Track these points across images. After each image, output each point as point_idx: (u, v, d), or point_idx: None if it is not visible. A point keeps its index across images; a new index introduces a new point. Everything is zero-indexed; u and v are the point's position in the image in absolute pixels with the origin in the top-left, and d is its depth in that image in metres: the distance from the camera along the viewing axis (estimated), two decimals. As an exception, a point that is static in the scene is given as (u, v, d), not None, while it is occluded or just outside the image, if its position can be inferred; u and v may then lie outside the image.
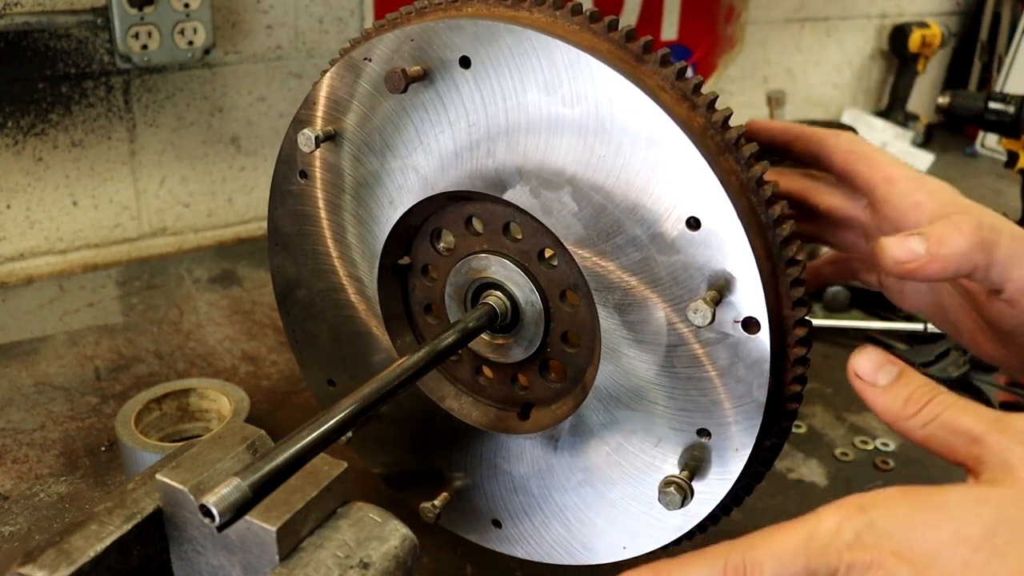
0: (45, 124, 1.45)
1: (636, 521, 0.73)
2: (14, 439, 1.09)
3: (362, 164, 0.76)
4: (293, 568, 0.56)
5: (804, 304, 0.64)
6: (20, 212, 1.48)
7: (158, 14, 1.42)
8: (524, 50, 0.65)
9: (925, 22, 2.46)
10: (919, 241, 0.59)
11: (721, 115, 0.64)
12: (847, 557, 0.48)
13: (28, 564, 0.55)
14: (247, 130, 1.65)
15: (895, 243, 0.59)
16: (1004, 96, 1.60)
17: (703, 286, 0.63)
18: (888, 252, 0.59)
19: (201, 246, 1.68)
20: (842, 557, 0.48)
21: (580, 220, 0.67)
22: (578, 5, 0.67)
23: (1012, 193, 2.04)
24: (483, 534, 0.83)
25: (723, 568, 0.51)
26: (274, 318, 1.40)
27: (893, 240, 0.60)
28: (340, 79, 0.74)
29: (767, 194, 0.63)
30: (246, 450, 0.62)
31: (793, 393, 0.66)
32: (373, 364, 0.85)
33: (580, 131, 0.65)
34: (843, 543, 0.48)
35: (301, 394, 1.20)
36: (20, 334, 1.33)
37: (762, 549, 0.50)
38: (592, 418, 0.73)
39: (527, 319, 0.77)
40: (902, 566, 0.47)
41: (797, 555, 0.49)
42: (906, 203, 0.67)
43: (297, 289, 0.86)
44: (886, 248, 0.59)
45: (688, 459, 0.68)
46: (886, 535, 0.48)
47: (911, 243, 0.59)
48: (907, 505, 0.49)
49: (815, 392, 1.27)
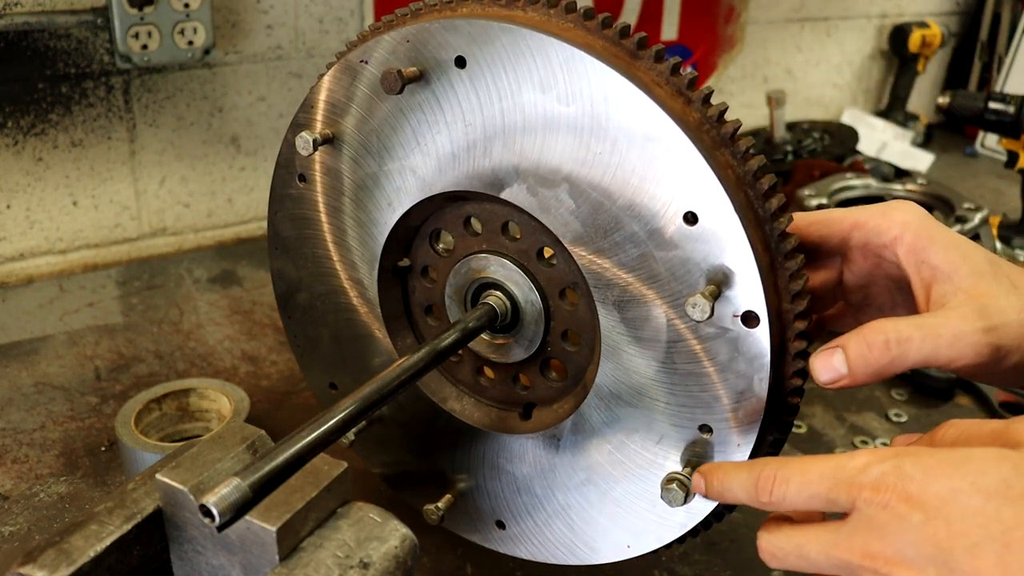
0: (45, 124, 1.45)
1: (639, 519, 0.73)
2: (14, 439, 1.09)
3: (360, 167, 0.76)
4: (293, 568, 0.56)
5: (804, 297, 0.64)
6: (20, 212, 1.48)
7: (158, 14, 1.42)
8: (519, 49, 0.65)
9: (925, 22, 2.46)
10: (841, 360, 0.63)
11: (716, 110, 0.64)
12: (866, 494, 0.53)
13: (28, 564, 0.55)
14: (247, 130, 1.65)
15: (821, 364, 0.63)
16: (1004, 96, 1.60)
17: (702, 281, 0.63)
18: (816, 373, 0.64)
19: (201, 246, 1.68)
20: (862, 492, 0.53)
21: (578, 218, 0.67)
22: (572, 3, 0.67)
23: (1012, 193, 2.04)
24: (487, 535, 0.83)
25: (757, 476, 0.58)
26: (274, 318, 1.40)
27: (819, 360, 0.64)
28: (337, 82, 0.74)
29: (764, 187, 0.63)
30: (246, 450, 0.62)
31: (794, 387, 0.66)
32: (374, 367, 0.85)
33: (576, 128, 0.65)
34: (867, 479, 0.53)
35: (301, 394, 1.20)
36: (20, 334, 1.33)
37: (794, 467, 0.56)
38: (593, 416, 0.73)
39: (527, 318, 0.77)
40: (913, 511, 0.51)
41: (823, 479, 0.55)
42: (883, 239, 0.70)
43: (298, 293, 0.86)
44: (814, 368, 0.64)
45: (690, 455, 0.68)
46: (908, 477, 0.52)
47: (835, 362, 0.63)
48: (938, 458, 0.53)
49: (815, 392, 1.27)
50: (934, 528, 0.51)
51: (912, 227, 0.68)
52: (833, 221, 0.72)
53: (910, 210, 0.70)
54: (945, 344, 0.61)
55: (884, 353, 0.62)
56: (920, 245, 0.67)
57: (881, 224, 0.70)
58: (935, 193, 1.64)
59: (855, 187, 1.65)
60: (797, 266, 0.64)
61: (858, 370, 0.62)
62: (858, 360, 0.62)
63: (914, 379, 1.28)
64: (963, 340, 0.61)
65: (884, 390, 1.28)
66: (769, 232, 0.63)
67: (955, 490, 0.51)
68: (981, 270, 0.65)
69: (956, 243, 0.67)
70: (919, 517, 0.51)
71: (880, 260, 0.71)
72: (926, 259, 0.67)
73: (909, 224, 0.69)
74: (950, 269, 0.65)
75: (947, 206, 1.59)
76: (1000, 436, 0.56)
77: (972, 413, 1.24)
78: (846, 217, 0.72)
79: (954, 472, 0.51)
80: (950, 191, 1.63)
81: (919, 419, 1.22)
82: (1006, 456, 0.52)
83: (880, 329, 0.62)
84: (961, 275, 0.65)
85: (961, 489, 0.51)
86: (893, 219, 0.69)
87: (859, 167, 1.88)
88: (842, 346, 0.63)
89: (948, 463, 0.52)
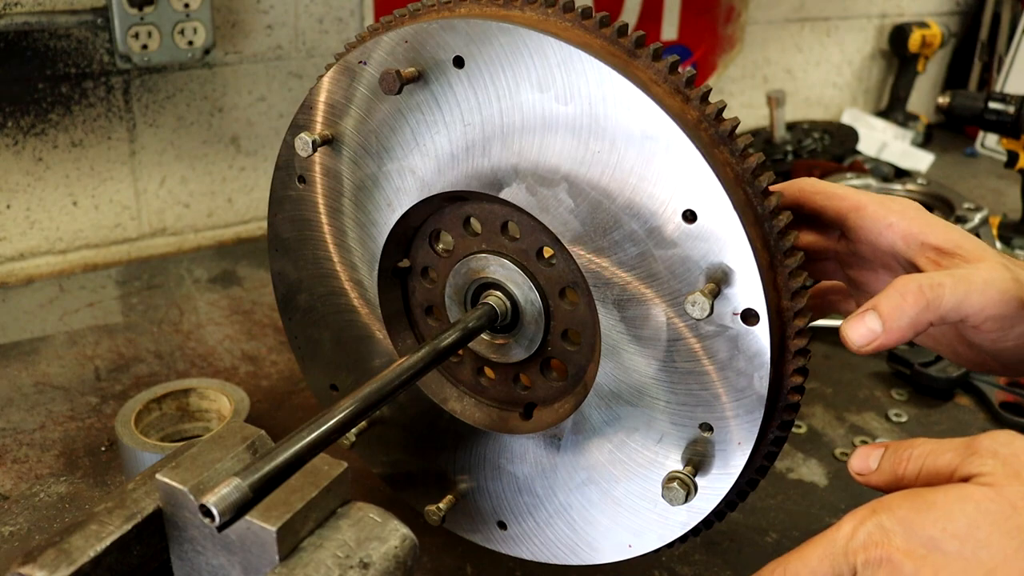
0: (45, 124, 1.45)
1: (641, 518, 0.73)
2: (14, 439, 1.09)
3: (360, 167, 0.76)
4: (293, 568, 0.56)
5: (803, 294, 0.64)
6: (20, 212, 1.49)
7: (158, 14, 1.42)
8: (517, 48, 0.65)
9: (925, 22, 2.46)
10: (874, 319, 0.63)
11: (715, 107, 0.64)
12: (862, 556, 0.56)
13: (28, 564, 0.55)
14: (247, 130, 1.65)
15: (853, 327, 0.63)
16: (1004, 96, 1.60)
17: (701, 279, 0.63)
18: (849, 337, 0.63)
19: (201, 246, 1.68)
20: (858, 556, 0.56)
21: (577, 217, 0.67)
22: (570, 2, 0.67)
23: (1012, 193, 2.04)
24: (488, 536, 0.83)
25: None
26: (274, 318, 1.40)
27: (851, 324, 0.63)
28: (336, 83, 0.74)
29: (762, 185, 0.63)
30: (246, 450, 0.62)
31: (795, 385, 0.66)
32: (375, 368, 0.85)
33: (574, 128, 0.65)
34: (858, 544, 0.56)
35: (301, 394, 1.20)
36: (20, 334, 1.33)
37: (796, 560, 0.59)
38: (594, 416, 0.73)
39: (527, 318, 0.77)
40: (906, 560, 0.54)
41: (823, 559, 0.58)
42: (879, 226, 0.71)
43: (298, 294, 0.86)
44: (847, 333, 0.64)
45: (691, 454, 0.68)
46: (891, 533, 0.55)
47: (868, 322, 0.63)
48: (906, 507, 0.56)
49: (815, 392, 1.27)
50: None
51: (909, 215, 0.70)
52: (836, 196, 0.74)
53: (908, 202, 0.72)
54: (977, 289, 0.62)
55: (919, 298, 0.62)
56: (917, 229, 0.69)
57: (879, 211, 0.71)
58: (935, 193, 1.64)
59: (855, 187, 1.65)
60: (796, 263, 0.64)
61: (893, 322, 0.62)
62: (893, 312, 0.62)
63: (914, 379, 1.28)
64: (994, 286, 0.62)
65: (884, 390, 1.29)
66: (768, 229, 0.63)
67: (932, 539, 0.54)
68: (983, 246, 0.67)
69: (952, 228, 0.69)
70: (910, 567, 0.54)
71: (876, 247, 0.72)
72: (925, 240, 0.69)
73: (906, 212, 0.71)
74: (952, 246, 0.67)
75: (947, 206, 1.59)
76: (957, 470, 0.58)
77: (972, 413, 1.24)
78: (849, 195, 0.73)
79: (924, 520, 0.54)
80: (950, 191, 1.63)
81: (919, 419, 1.22)
82: (967, 496, 0.55)
83: (911, 278, 0.63)
84: (967, 249, 0.67)
85: (936, 537, 0.54)
86: (891, 208, 0.71)
87: (859, 167, 1.88)
88: (873, 306, 0.63)
89: (918, 511, 0.55)
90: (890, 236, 0.70)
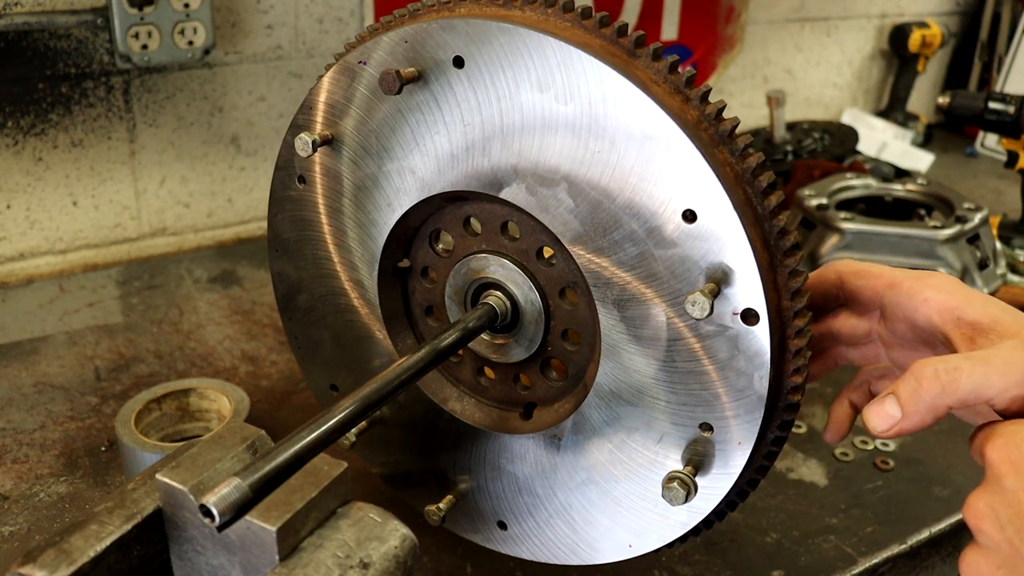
0: (45, 124, 1.45)
1: (641, 518, 0.73)
2: (14, 439, 1.09)
3: (360, 168, 0.76)
4: (293, 568, 0.56)
5: (803, 294, 0.64)
6: (20, 212, 1.49)
7: (158, 14, 1.42)
8: (516, 48, 0.65)
9: (925, 22, 2.46)
10: (894, 404, 0.63)
11: (714, 107, 0.64)
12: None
13: (28, 564, 0.55)
14: (247, 130, 1.65)
15: (875, 412, 0.63)
16: (1004, 96, 1.60)
17: (701, 279, 0.63)
18: (871, 422, 0.64)
19: (201, 246, 1.68)
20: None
21: (577, 217, 0.67)
22: (569, 2, 0.67)
23: (1012, 193, 2.04)
24: (488, 536, 0.83)
25: None
26: (274, 318, 1.40)
27: (872, 409, 0.64)
28: (336, 83, 0.74)
29: (762, 184, 0.63)
30: (246, 450, 0.62)
31: (795, 385, 0.66)
32: (375, 368, 0.85)
33: (574, 127, 0.65)
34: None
35: (301, 394, 1.20)
36: (20, 334, 1.33)
37: None
38: (594, 416, 0.73)
39: (527, 318, 0.77)
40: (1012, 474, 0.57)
41: None
42: (915, 302, 0.70)
43: (298, 294, 0.86)
44: (868, 418, 0.64)
45: (691, 454, 0.68)
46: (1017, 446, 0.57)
47: (888, 407, 0.63)
48: None
49: (815, 392, 1.26)
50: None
51: (945, 288, 0.68)
52: (872, 275, 0.73)
53: (945, 276, 0.70)
54: (997, 371, 0.60)
55: (934, 383, 0.61)
56: (954, 303, 0.67)
57: (915, 286, 0.70)
58: (935, 193, 1.64)
59: (855, 187, 1.65)
60: (796, 263, 0.64)
61: (910, 408, 0.62)
62: (910, 397, 0.62)
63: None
64: (1016, 367, 0.60)
65: (884, 390, 1.28)
66: (768, 229, 0.63)
67: None
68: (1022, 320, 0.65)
69: (991, 301, 0.67)
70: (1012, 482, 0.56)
71: (914, 324, 0.71)
72: (962, 315, 0.66)
73: (942, 286, 0.69)
74: (990, 321, 0.65)
75: (947, 206, 1.59)
76: None
77: (972, 413, 1.24)
78: (884, 273, 0.73)
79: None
80: (950, 191, 1.63)
81: (919, 419, 1.22)
82: None
83: (926, 363, 0.62)
84: (1003, 324, 0.64)
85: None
86: (927, 282, 0.70)
87: (859, 167, 1.88)
88: (893, 390, 0.63)
89: None
90: (926, 311, 0.68)
